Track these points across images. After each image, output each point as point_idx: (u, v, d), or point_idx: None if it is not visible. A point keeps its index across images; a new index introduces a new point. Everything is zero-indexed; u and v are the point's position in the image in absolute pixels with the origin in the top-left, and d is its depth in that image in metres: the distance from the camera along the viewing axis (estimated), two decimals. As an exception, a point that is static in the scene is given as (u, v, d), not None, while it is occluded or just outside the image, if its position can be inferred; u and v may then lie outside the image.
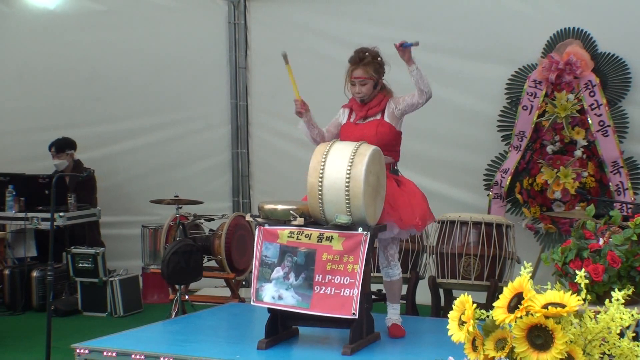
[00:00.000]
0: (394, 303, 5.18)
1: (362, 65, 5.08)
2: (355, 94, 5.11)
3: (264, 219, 4.78)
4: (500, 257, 6.12)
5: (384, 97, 5.13)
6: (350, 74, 5.12)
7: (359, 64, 5.09)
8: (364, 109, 5.11)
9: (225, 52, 8.19)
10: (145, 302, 7.46)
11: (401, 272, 5.19)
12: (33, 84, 8.47)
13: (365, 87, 5.08)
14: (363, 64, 5.08)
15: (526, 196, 6.88)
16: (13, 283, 7.29)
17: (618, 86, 6.70)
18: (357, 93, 5.10)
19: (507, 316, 2.89)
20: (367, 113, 5.11)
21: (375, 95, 5.12)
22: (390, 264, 5.11)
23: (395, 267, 5.12)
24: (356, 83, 5.09)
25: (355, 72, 5.09)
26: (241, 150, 8.29)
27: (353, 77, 5.10)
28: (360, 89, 5.08)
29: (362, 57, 5.10)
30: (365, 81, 5.07)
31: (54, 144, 7.91)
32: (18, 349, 5.97)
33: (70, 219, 7.38)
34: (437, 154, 7.40)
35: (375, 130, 5.02)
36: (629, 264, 3.87)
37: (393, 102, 5.11)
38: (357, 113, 5.13)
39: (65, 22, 8.36)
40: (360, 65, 5.08)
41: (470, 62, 7.20)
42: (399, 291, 5.22)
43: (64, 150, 7.89)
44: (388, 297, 5.21)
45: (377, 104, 5.10)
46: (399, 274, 5.15)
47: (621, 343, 2.90)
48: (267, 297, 4.68)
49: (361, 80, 5.07)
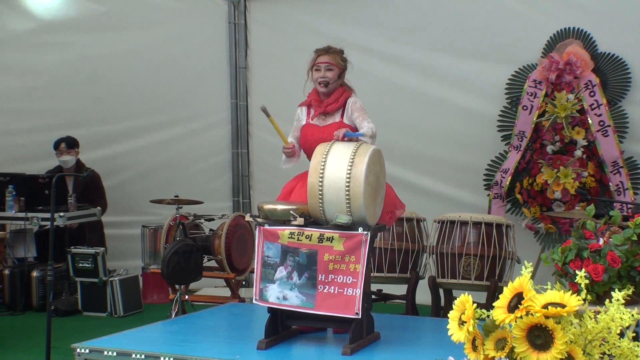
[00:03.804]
0: None
1: (330, 52, 5.06)
2: (320, 78, 5.01)
3: (263, 219, 4.78)
4: (500, 257, 6.12)
5: (343, 92, 5.05)
6: (314, 60, 5.07)
7: (327, 51, 5.07)
8: (323, 105, 5.04)
9: (225, 52, 8.20)
10: (145, 302, 7.46)
11: None
12: (34, 84, 8.47)
13: (330, 72, 5.01)
14: (331, 52, 5.06)
15: (526, 196, 6.88)
16: (13, 283, 7.29)
17: (618, 86, 6.70)
18: (322, 77, 5.00)
19: (507, 316, 2.89)
20: (325, 109, 5.03)
21: (336, 88, 5.04)
22: None
23: None
24: (322, 68, 5.02)
25: (322, 57, 5.05)
26: (241, 150, 8.30)
27: (318, 62, 5.04)
28: (326, 74, 5.01)
29: (329, 48, 5.10)
30: (331, 67, 5.02)
31: (63, 140, 7.90)
32: (18, 349, 5.97)
33: (70, 219, 7.38)
34: (437, 153, 7.40)
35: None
36: (629, 264, 3.87)
37: (351, 104, 5.02)
38: (316, 109, 5.06)
39: (66, 22, 8.35)
40: (328, 53, 5.06)
41: (470, 62, 7.20)
42: None
43: (74, 147, 7.92)
44: None
45: (335, 100, 5.02)
46: None
47: (621, 343, 2.90)
48: (272, 298, 4.68)
49: (327, 65, 5.02)
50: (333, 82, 5.03)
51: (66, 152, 7.89)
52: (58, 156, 7.92)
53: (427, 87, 7.38)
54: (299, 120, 5.22)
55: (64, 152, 7.89)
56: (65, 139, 7.90)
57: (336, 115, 5.04)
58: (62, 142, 7.89)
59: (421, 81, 7.39)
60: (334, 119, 5.04)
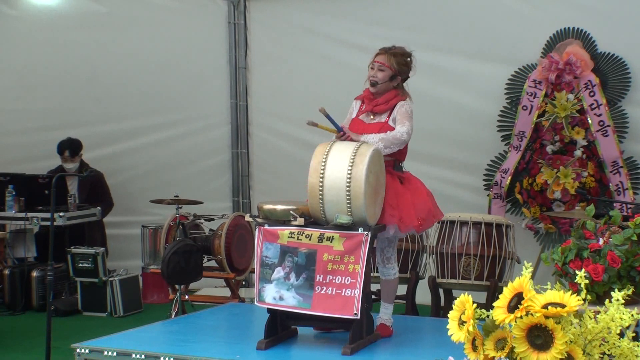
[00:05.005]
0: (387, 302, 5.13)
1: (388, 53, 5.01)
2: (370, 77, 4.99)
3: (263, 219, 4.78)
4: (500, 257, 6.12)
5: (395, 96, 4.99)
6: (373, 57, 5.04)
7: (386, 51, 5.03)
8: (372, 103, 5.01)
9: (225, 52, 8.20)
10: (145, 302, 7.46)
11: (397, 272, 5.14)
12: (34, 84, 8.47)
13: (381, 73, 4.97)
14: (389, 53, 5.01)
15: (526, 196, 6.88)
16: (13, 283, 7.29)
17: (618, 86, 6.71)
18: (372, 77, 4.97)
19: (507, 316, 2.89)
20: (372, 109, 5.01)
21: (387, 90, 5.00)
22: (386, 265, 5.05)
23: (391, 267, 5.08)
24: (375, 67, 4.99)
25: (378, 56, 5.02)
26: (241, 150, 8.30)
27: (374, 60, 5.01)
28: (376, 74, 4.97)
29: (391, 48, 5.05)
30: (384, 68, 4.97)
31: (67, 148, 7.90)
32: (18, 349, 5.97)
33: (70, 219, 7.39)
34: (437, 153, 7.40)
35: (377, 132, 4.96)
36: (629, 264, 3.87)
37: (399, 107, 4.97)
38: (367, 106, 5.05)
39: (66, 22, 8.36)
40: (386, 53, 5.01)
41: (470, 62, 7.20)
42: (394, 291, 5.16)
43: (78, 153, 7.94)
44: (382, 295, 5.16)
45: (384, 102, 4.98)
46: (395, 274, 5.10)
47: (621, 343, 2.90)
48: (268, 298, 4.67)
49: (380, 65, 4.98)
50: (382, 82, 4.98)
51: (70, 160, 7.91)
52: (62, 161, 7.95)
53: (426, 87, 7.35)
54: (351, 112, 5.18)
55: (67, 160, 7.91)
56: (70, 146, 7.90)
57: (383, 115, 5.01)
58: (67, 150, 7.89)
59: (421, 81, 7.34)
60: (380, 118, 5.01)
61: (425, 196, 5.03)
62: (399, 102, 4.99)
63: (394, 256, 5.09)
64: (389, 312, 5.12)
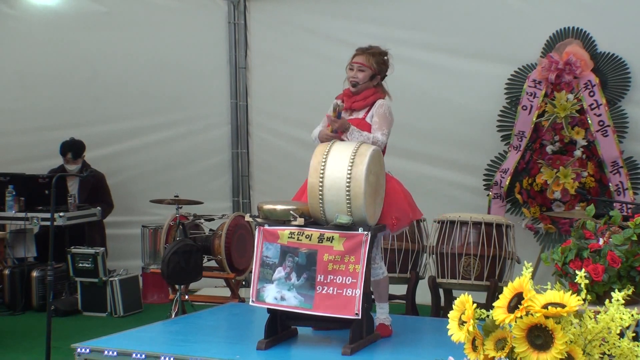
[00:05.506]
0: (381, 302, 5.14)
1: (366, 53, 5.07)
2: (351, 78, 5.06)
3: (263, 219, 4.78)
4: (500, 257, 6.13)
5: (373, 93, 5.05)
6: (351, 59, 5.10)
7: (364, 52, 5.08)
8: (350, 100, 5.06)
9: (225, 52, 8.20)
10: (145, 302, 7.46)
11: (385, 270, 5.15)
12: (34, 84, 8.47)
13: (361, 74, 5.03)
14: (367, 53, 5.07)
15: (526, 196, 6.88)
16: (13, 283, 7.29)
17: (618, 86, 6.70)
18: (353, 77, 5.04)
19: (507, 316, 2.89)
20: (352, 105, 5.05)
21: (367, 88, 5.06)
22: (373, 266, 4.98)
23: (378, 267, 5.06)
24: (354, 67, 5.06)
25: (357, 57, 5.08)
26: (241, 150, 8.30)
27: (353, 61, 5.08)
28: (356, 74, 5.04)
29: (369, 48, 5.11)
30: (364, 68, 5.04)
31: (70, 150, 7.91)
32: (18, 349, 5.97)
33: (70, 219, 7.39)
34: (437, 153, 7.40)
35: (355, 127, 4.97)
36: (629, 264, 3.88)
37: (378, 106, 5.01)
38: (345, 103, 5.07)
39: (67, 22, 8.36)
40: (364, 53, 5.07)
41: (470, 61, 7.20)
42: (386, 290, 5.17)
43: (81, 155, 7.94)
44: (375, 296, 5.16)
45: (362, 99, 5.04)
46: (383, 272, 5.10)
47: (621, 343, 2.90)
48: (269, 298, 4.67)
49: (359, 66, 5.04)
50: (363, 82, 5.04)
51: (72, 161, 7.93)
52: (64, 162, 7.96)
53: (426, 86, 7.39)
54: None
55: (70, 161, 7.92)
56: (72, 148, 7.91)
57: (361, 112, 5.06)
58: (69, 152, 7.90)
59: (421, 81, 7.39)
60: (358, 115, 5.06)
61: (402, 196, 5.03)
62: (378, 101, 5.05)
63: (378, 255, 5.08)
64: (386, 312, 5.13)
